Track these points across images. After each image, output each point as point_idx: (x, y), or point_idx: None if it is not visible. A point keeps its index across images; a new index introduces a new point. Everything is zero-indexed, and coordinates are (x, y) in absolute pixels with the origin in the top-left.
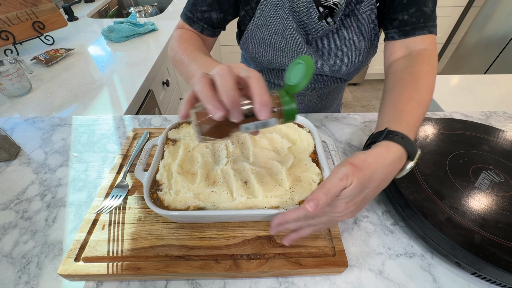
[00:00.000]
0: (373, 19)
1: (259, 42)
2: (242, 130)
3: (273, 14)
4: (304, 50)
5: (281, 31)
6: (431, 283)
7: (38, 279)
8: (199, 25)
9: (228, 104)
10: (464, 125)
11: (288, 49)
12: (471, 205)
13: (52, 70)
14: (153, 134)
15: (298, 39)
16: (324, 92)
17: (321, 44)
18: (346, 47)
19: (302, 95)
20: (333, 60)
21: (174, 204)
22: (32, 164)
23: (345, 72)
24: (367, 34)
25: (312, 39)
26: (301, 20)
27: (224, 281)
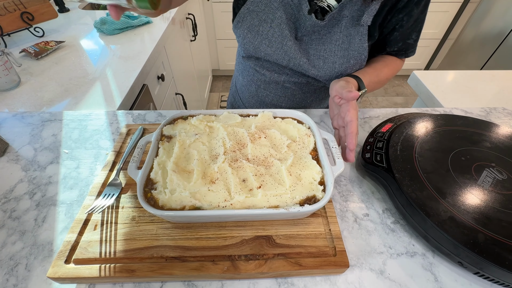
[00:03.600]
0: (363, 32)
1: (249, 28)
2: None
3: (265, 2)
4: (289, 44)
5: (270, 20)
6: (433, 283)
7: (27, 282)
8: None
9: None
10: (465, 121)
11: (274, 39)
12: (473, 203)
13: (42, 63)
14: (148, 130)
15: (285, 31)
16: (309, 89)
17: (309, 43)
18: (332, 51)
19: (285, 88)
20: (317, 61)
21: (169, 203)
22: (21, 161)
23: (327, 76)
24: (355, 45)
25: (301, 35)
26: (292, 13)
27: (222, 282)
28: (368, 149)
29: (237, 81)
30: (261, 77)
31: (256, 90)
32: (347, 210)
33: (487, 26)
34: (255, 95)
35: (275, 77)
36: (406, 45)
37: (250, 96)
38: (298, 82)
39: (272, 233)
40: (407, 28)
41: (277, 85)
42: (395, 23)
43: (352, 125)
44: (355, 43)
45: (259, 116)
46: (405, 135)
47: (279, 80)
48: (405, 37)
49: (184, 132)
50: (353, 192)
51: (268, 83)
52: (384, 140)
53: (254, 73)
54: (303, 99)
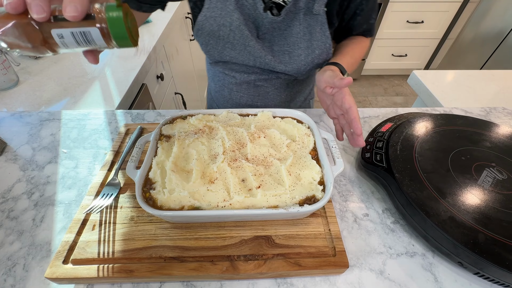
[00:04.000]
0: (322, 21)
1: (209, 34)
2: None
3: (220, 6)
4: (252, 44)
5: (228, 23)
6: (433, 283)
7: (24, 282)
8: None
9: None
10: (465, 121)
11: (236, 42)
12: (474, 203)
13: (40, 62)
14: (146, 129)
15: (245, 32)
16: (281, 84)
17: (272, 40)
18: (296, 45)
19: (256, 87)
20: (282, 56)
21: (167, 203)
22: (19, 161)
23: (295, 70)
24: (317, 34)
25: (262, 33)
26: (249, 13)
27: (221, 282)
28: (368, 148)
29: (211, 88)
30: (231, 79)
31: (229, 94)
32: (347, 210)
33: (487, 25)
34: (229, 99)
35: (245, 78)
36: (369, 25)
37: (224, 101)
38: (269, 79)
39: (272, 233)
40: (367, 11)
41: (249, 85)
42: (354, 8)
43: (353, 111)
44: (317, 33)
45: (259, 116)
46: (405, 135)
47: (249, 79)
48: (367, 19)
49: (183, 132)
50: (352, 192)
51: (240, 84)
52: (384, 140)
53: (224, 77)
54: (277, 95)
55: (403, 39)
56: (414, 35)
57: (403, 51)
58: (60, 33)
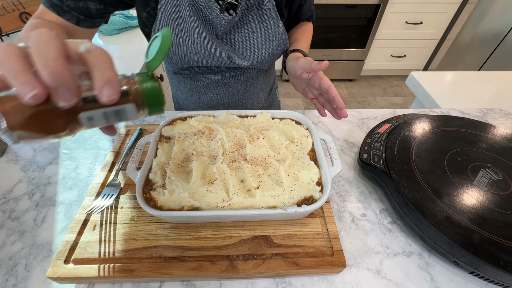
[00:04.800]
0: (274, 14)
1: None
2: (85, 122)
3: (175, 13)
4: (214, 45)
5: (186, 29)
6: (429, 282)
7: (26, 282)
8: (73, 15)
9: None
10: (462, 122)
11: (197, 46)
12: (469, 204)
13: None
14: (147, 130)
15: (205, 35)
16: (247, 78)
17: (231, 39)
18: (255, 39)
19: (224, 85)
20: (244, 53)
21: (168, 204)
22: (20, 162)
23: (258, 63)
24: (272, 27)
25: (221, 33)
26: (205, 16)
27: (220, 282)
28: (366, 149)
29: (176, 97)
30: (198, 83)
31: (198, 97)
32: (345, 210)
33: (485, 27)
34: (199, 103)
35: (212, 78)
36: (311, 11)
37: (195, 105)
38: (235, 75)
39: (270, 233)
40: (308, 1)
41: (217, 84)
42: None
43: (332, 90)
44: (271, 26)
45: (258, 117)
46: (403, 136)
47: (216, 79)
48: (309, 7)
49: (183, 133)
50: (350, 192)
51: (208, 86)
52: (382, 141)
53: (190, 82)
54: (245, 89)
55: (402, 40)
56: (413, 36)
57: (402, 52)
58: (90, 115)
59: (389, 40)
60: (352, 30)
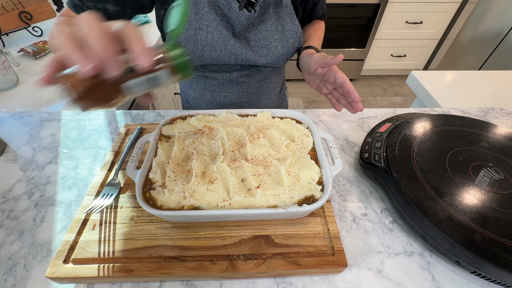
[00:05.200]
0: (290, 12)
1: (185, 40)
2: (128, 90)
3: (194, 10)
4: (231, 43)
5: (205, 26)
6: (430, 282)
7: (25, 282)
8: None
9: (98, 53)
10: (463, 121)
11: (215, 43)
12: (471, 203)
13: (40, 63)
14: (146, 130)
15: (223, 32)
16: (261, 77)
17: (248, 36)
18: (271, 37)
19: (239, 83)
20: (261, 50)
21: (167, 203)
22: (19, 161)
23: (274, 62)
24: (288, 25)
25: (238, 30)
26: (223, 13)
27: (221, 282)
28: (367, 149)
29: (187, 96)
30: (213, 81)
31: (212, 96)
32: (346, 209)
33: (485, 26)
34: (212, 102)
35: (227, 76)
36: (324, 10)
37: (207, 104)
38: (250, 74)
39: (271, 233)
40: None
41: (232, 82)
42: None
43: (347, 83)
44: (287, 24)
45: (258, 116)
46: (403, 135)
47: (232, 77)
48: (322, 6)
49: (183, 132)
50: (351, 192)
51: (222, 84)
52: (383, 140)
53: (205, 80)
54: (259, 88)
55: (402, 40)
56: (413, 35)
57: (402, 51)
58: (132, 84)
59: (389, 39)
60: (352, 30)
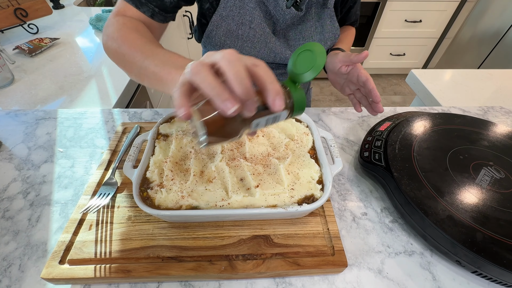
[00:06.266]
0: (332, 14)
1: (226, 34)
2: (253, 126)
3: (239, 4)
4: (273, 40)
5: (248, 22)
6: (431, 282)
7: (20, 283)
8: (149, 8)
9: (242, 95)
10: (463, 120)
11: (257, 39)
12: (472, 202)
13: (36, 60)
14: (144, 128)
15: (266, 29)
16: None
17: (287, 35)
18: (310, 38)
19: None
20: None
21: (165, 203)
22: (14, 160)
23: None
24: (328, 26)
25: (279, 28)
26: (268, 10)
27: (219, 282)
28: (367, 148)
29: None
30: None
31: None
32: (345, 209)
33: (484, 25)
34: None
35: None
36: (357, 16)
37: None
38: (284, 73)
39: (270, 233)
40: (357, 5)
41: None
42: (351, 2)
43: (370, 82)
44: (327, 25)
45: None
46: (404, 134)
47: None
48: (355, 11)
49: (181, 131)
50: (351, 191)
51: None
52: (383, 139)
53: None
54: None
55: (401, 38)
56: (412, 34)
57: (401, 50)
58: (258, 122)
59: (388, 38)
60: None
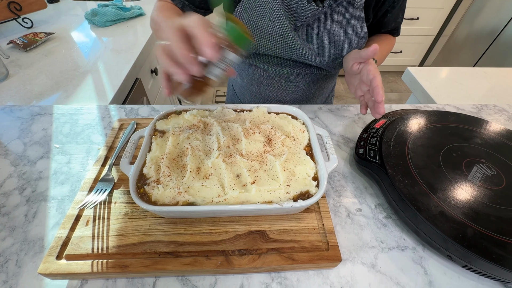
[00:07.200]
0: (360, 15)
1: (247, 25)
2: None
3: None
4: (291, 35)
5: (268, 14)
6: (422, 276)
7: (17, 278)
8: (180, 0)
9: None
10: (457, 118)
11: (275, 33)
12: (463, 199)
13: (31, 55)
14: (140, 124)
15: (285, 23)
16: (312, 79)
17: (308, 32)
18: (333, 38)
19: (288, 81)
20: (319, 50)
21: (162, 199)
22: (10, 156)
23: (329, 64)
24: (354, 28)
25: (301, 24)
26: (289, 4)
27: (216, 277)
28: (362, 145)
29: (234, 84)
30: (263, 73)
31: (258, 88)
32: (340, 205)
33: (480, 23)
34: (257, 94)
35: (277, 71)
36: (397, 24)
37: (252, 95)
38: (301, 73)
39: (266, 228)
40: (397, 9)
41: (281, 79)
42: (388, 5)
43: (376, 80)
44: (354, 27)
45: (254, 112)
46: (398, 131)
47: (282, 73)
48: (396, 18)
49: (177, 127)
50: (346, 187)
51: (271, 78)
52: (378, 136)
53: (254, 70)
54: (306, 90)
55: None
56: (409, 31)
57: (398, 47)
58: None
59: None
60: None
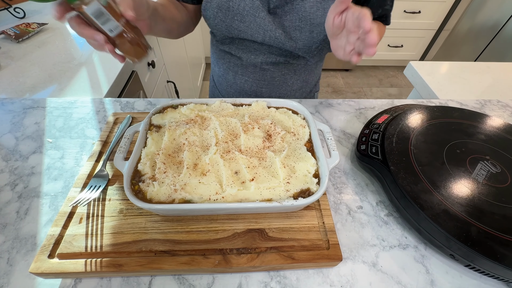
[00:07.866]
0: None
1: (218, 5)
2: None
3: None
4: (262, 15)
5: None
6: (424, 275)
7: (8, 277)
8: None
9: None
10: (461, 114)
11: (246, 12)
12: (467, 197)
13: (23, 46)
14: (136, 119)
15: (256, 2)
16: (289, 70)
17: (282, 15)
18: (308, 20)
19: (263, 70)
20: (293, 33)
21: (157, 196)
22: (1, 151)
23: (305, 48)
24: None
25: (274, 6)
26: None
27: (213, 276)
28: (364, 140)
29: (213, 73)
30: (237, 61)
31: (233, 78)
32: (341, 202)
33: (482, 17)
34: (233, 84)
35: (251, 59)
36: (384, 11)
37: (228, 85)
38: (276, 62)
39: (265, 226)
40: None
41: (255, 68)
42: None
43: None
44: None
45: (253, 106)
46: (401, 127)
47: (256, 62)
48: (381, 4)
49: (174, 122)
50: (347, 184)
51: (246, 67)
52: (380, 132)
53: (230, 58)
54: (283, 82)
55: (399, 30)
56: (410, 25)
57: (399, 41)
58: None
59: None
60: None
